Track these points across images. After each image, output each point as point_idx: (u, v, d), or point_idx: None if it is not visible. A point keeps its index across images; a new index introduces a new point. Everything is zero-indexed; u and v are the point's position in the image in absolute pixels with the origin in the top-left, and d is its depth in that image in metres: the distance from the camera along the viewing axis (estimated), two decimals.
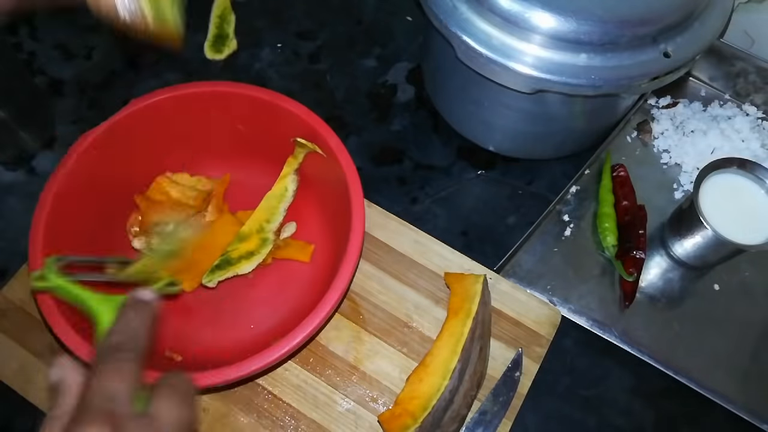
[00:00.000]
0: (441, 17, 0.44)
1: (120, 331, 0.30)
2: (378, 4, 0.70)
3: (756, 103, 0.63)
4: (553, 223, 0.56)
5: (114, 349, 0.28)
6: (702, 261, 0.54)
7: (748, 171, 0.52)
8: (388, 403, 0.46)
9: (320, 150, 0.47)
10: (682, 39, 0.44)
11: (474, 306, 0.45)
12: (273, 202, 0.51)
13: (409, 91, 0.64)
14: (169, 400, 0.28)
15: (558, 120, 0.52)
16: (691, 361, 0.50)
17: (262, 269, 0.49)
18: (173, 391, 0.29)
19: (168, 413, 0.27)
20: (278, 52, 0.65)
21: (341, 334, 0.48)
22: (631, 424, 0.49)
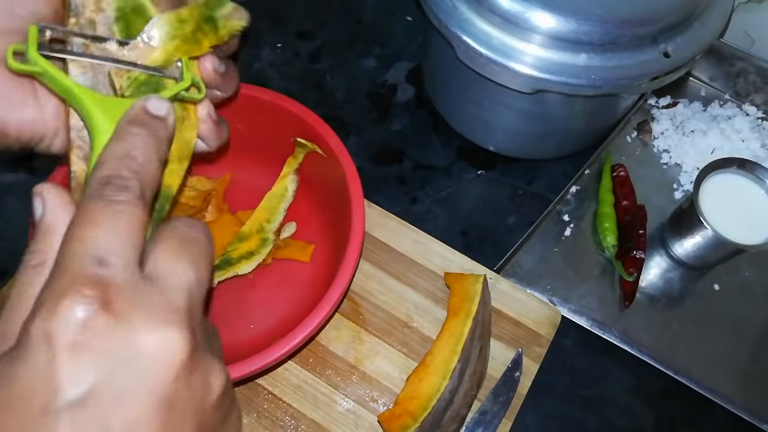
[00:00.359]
0: (441, 17, 0.44)
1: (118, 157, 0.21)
2: (378, 4, 0.70)
3: (756, 103, 0.63)
4: (553, 223, 0.56)
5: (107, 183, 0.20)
6: (702, 261, 0.54)
7: (748, 171, 0.52)
8: (388, 403, 0.46)
9: (320, 150, 0.47)
10: (682, 39, 0.44)
11: (474, 306, 0.45)
12: (273, 202, 0.51)
13: (409, 91, 0.64)
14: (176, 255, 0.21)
15: (558, 120, 0.52)
16: (691, 361, 0.50)
17: (262, 269, 0.49)
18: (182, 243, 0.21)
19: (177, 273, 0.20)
20: (278, 52, 0.65)
21: (341, 334, 0.48)
22: (631, 424, 0.49)
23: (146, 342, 0.18)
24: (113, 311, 0.18)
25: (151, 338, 0.18)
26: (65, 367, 0.17)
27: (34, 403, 0.17)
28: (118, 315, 0.18)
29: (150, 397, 0.18)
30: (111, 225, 0.19)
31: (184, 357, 0.19)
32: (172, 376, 0.18)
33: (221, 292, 0.48)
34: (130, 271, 0.19)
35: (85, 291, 0.18)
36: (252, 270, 0.48)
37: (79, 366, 0.17)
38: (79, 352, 0.17)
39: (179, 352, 0.19)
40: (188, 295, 0.20)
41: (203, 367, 0.20)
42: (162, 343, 0.18)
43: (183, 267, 0.20)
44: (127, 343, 0.18)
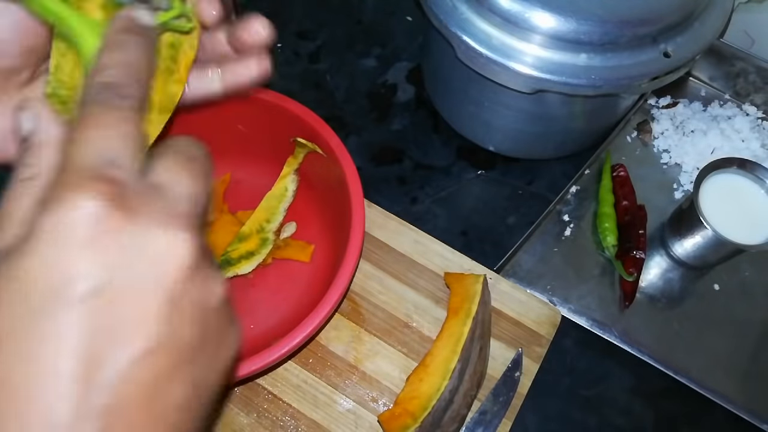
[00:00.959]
0: (441, 17, 0.44)
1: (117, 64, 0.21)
2: (378, 4, 0.70)
3: (756, 103, 0.63)
4: (553, 223, 0.56)
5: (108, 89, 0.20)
6: (702, 261, 0.54)
7: (748, 171, 0.52)
8: (388, 403, 0.46)
9: (320, 150, 0.47)
10: (682, 39, 0.44)
11: (474, 306, 0.45)
12: (273, 202, 0.51)
13: (409, 91, 0.64)
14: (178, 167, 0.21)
15: (558, 120, 0.52)
16: (691, 361, 0.50)
17: (262, 269, 0.49)
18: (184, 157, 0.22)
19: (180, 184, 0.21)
20: (278, 52, 0.65)
21: (341, 334, 0.48)
22: (631, 424, 0.49)
23: (156, 241, 0.18)
24: (128, 209, 0.18)
25: (161, 238, 0.19)
26: (80, 260, 0.17)
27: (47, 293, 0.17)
28: (130, 212, 0.18)
29: (158, 293, 0.18)
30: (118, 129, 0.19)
31: (190, 259, 0.19)
32: (178, 275, 0.19)
33: None
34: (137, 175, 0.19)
35: (102, 187, 0.18)
36: (252, 270, 0.48)
37: (93, 260, 0.17)
38: (95, 246, 0.17)
39: (186, 253, 0.19)
40: (192, 203, 0.21)
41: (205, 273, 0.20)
42: (171, 243, 0.19)
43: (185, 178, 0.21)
44: (138, 241, 0.18)
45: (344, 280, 0.40)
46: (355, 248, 0.42)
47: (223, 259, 0.48)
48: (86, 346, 0.17)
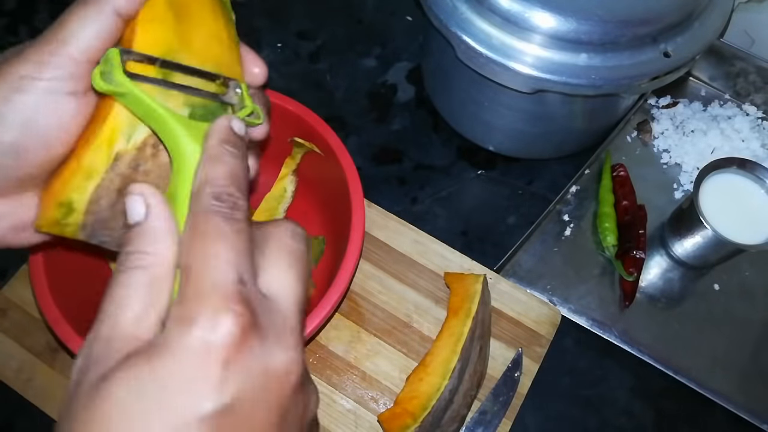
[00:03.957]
0: (441, 17, 0.44)
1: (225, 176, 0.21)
2: (378, 4, 0.70)
3: (756, 103, 0.63)
4: (553, 223, 0.56)
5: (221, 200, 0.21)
6: (702, 261, 0.54)
7: (748, 171, 0.52)
8: (388, 403, 0.46)
9: (317, 149, 0.47)
10: (682, 39, 0.44)
11: (474, 306, 0.45)
12: (272, 204, 0.51)
13: (409, 91, 0.64)
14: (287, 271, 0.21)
15: (558, 120, 0.52)
16: (691, 361, 0.50)
17: None
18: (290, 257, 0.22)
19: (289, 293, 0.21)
20: (278, 52, 0.65)
21: (341, 334, 0.48)
22: (631, 424, 0.49)
23: (276, 359, 0.20)
24: (257, 327, 0.19)
25: (280, 356, 0.20)
26: (218, 379, 0.18)
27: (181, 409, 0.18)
28: (260, 331, 0.19)
29: (273, 410, 0.20)
30: (237, 242, 0.20)
31: (300, 375, 0.21)
32: (291, 391, 0.20)
33: None
34: (256, 288, 0.20)
35: (238, 308, 0.19)
36: None
37: (228, 379, 0.18)
38: (231, 366, 0.18)
39: (298, 370, 0.20)
40: (299, 314, 0.21)
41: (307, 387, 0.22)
42: (288, 361, 0.20)
43: (294, 285, 0.22)
44: (264, 360, 0.19)
45: (344, 280, 0.40)
46: (355, 248, 0.42)
47: None
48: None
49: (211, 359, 0.18)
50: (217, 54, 0.30)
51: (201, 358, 0.18)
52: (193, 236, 0.20)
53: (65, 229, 0.28)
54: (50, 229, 0.28)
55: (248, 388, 0.19)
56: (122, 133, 0.27)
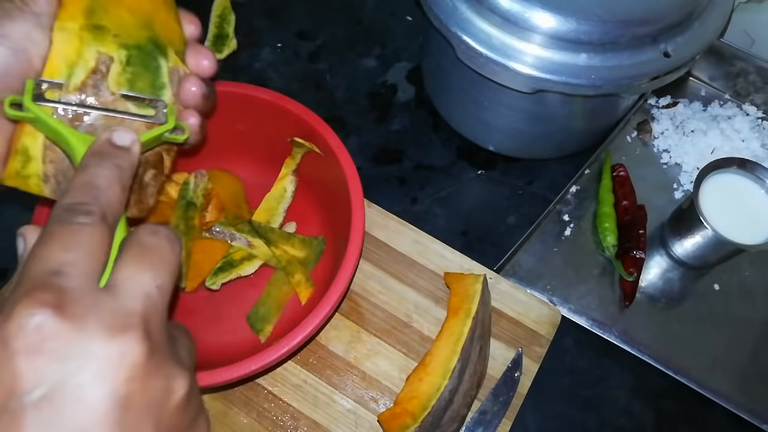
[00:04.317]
0: (441, 17, 0.44)
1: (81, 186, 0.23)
2: (378, 4, 0.70)
3: (756, 103, 0.63)
4: (553, 223, 0.56)
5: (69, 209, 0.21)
6: (702, 261, 0.54)
7: (748, 171, 0.52)
8: (388, 403, 0.46)
9: (317, 149, 0.47)
10: (682, 39, 0.44)
11: (474, 306, 0.45)
12: (272, 204, 0.51)
13: (409, 91, 0.64)
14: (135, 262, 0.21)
15: (558, 120, 0.52)
16: (691, 361, 0.50)
17: (262, 269, 0.49)
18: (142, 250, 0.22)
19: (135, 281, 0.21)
20: (278, 52, 0.65)
21: (341, 334, 0.48)
22: (631, 424, 0.49)
23: (101, 344, 0.19)
24: (67, 315, 0.18)
25: (105, 341, 0.19)
26: (22, 370, 0.18)
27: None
28: (72, 319, 0.19)
29: (105, 398, 0.18)
30: (67, 242, 0.20)
31: (138, 360, 0.19)
32: (126, 377, 0.19)
33: (223, 292, 0.48)
34: (86, 281, 0.20)
35: (39, 296, 0.18)
36: (254, 271, 0.48)
37: (35, 368, 0.18)
38: (35, 355, 0.18)
39: (133, 355, 0.19)
40: (145, 301, 0.21)
41: (163, 371, 0.20)
42: (117, 344, 0.19)
43: (141, 274, 0.21)
44: (80, 346, 0.18)
45: (344, 280, 0.40)
46: (355, 248, 0.42)
47: (226, 261, 0.48)
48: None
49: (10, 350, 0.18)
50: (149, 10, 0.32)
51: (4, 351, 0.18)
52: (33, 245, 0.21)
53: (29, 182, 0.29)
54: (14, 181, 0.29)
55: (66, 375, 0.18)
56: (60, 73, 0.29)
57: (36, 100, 0.28)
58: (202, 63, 0.35)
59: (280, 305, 0.48)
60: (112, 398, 0.19)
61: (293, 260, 0.48)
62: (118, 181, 0.23)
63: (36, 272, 0.19)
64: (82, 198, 0.22)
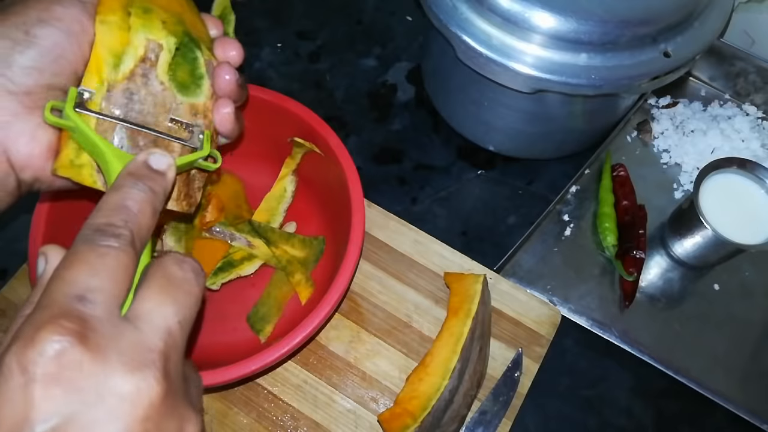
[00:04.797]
0: (441, 17, 0.44)
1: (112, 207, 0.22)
2: (378, 4, 0.70)
3: (756, 103, 0.63)
4: (553, 223, 0.56)
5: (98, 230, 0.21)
6: (702, 261, 0.54)
7: (748, 171, 0.52)
8: (388, 403, 0.46)
9: (317, 148, 0.47)
10: (682, 39, 0.44)
11: (474, 306, 0.45)
12: (272, 204, 0.51)
13: (409, 91, 0.64)
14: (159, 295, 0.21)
15: (558, 120, 0.52)
16: (691, 361, 0.50)
17: (263, 269, 0.49)
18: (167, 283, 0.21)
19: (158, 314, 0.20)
20: (278, 52, 0.65)
21: (341, 334, 0.48)
22: (631, 424, 0.49)
23: (119, 379, 0.18)
24: (89, 346, 0.18)
25: (124, 377, 0.18)
26: (38, 399, 0.17)
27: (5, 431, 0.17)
28: (94, 350, 0.18)
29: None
30: (94, 266, 0.20)
31: (155, 399, 0.19)
32: (141, 416, 0.18)
33: (223, 292, 0.48)
34: (110, 309, 0.19)
35: (63, 323, 0.18)
36: (254, 271, 0.48)
37: (51, 398, 0.17)
38: (53, 385, 0.17)
39: (150, 394, 0.19)
40: (166, 337, 0.20)
41: (177, 413, 0.20)
42: (134, 381, 0.18)
43: (164, 308, 0.21)
44: (99, 379, 0.18)
45: (344, 280, 0.40)
46: (355, 248, 0.42)
47: (226, 261, 0.48)
48: None
49: (28, 377, 0.17)
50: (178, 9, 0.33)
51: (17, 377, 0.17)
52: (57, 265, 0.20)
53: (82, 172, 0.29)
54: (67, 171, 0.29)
55: (81, 408, 0.17)
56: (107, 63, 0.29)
57: (77, 107, 0.28)
58: (230, 54, 0.35)
59: (280, 305, 0.48)
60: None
61: (293, 260, 0.48)
62: (150, 205, 0.23)
63: (61, 296, 0.19)
64: (112, 219, 0.21)
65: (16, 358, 0.17)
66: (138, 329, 0.20)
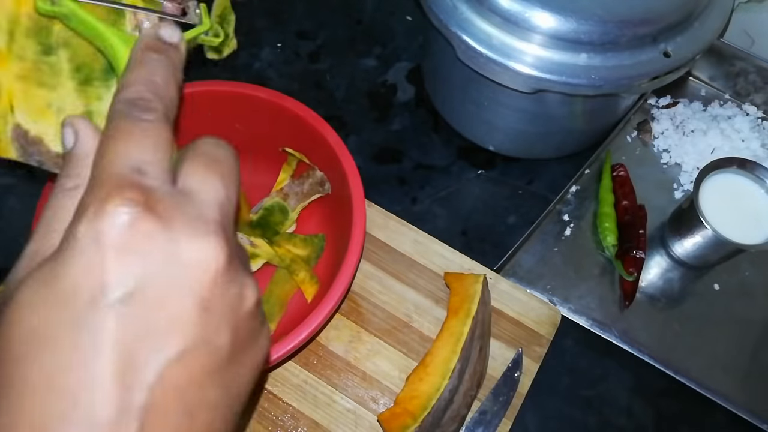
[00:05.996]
0: (441, 17, 0.44)
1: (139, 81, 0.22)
2: (378, 4, 0.70)
3: (756, 102, 0.63)
4: (553, 223, 0.56)
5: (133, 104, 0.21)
6: (702, 261, 0.54)
7: (748, 171, 0.52)
8: (388, 403, 0.46)
9: (306, 159, 0.48)
10: (682, 39, 0.44)
11: (474, 306, 0.45)
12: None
13: (409, 91, 0.64)
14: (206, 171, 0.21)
15: (558, 120, 0.52)
16: (691, 361, 0.50)
17: (263, 269, 0.49)
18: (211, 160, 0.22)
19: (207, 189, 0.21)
20: (278, 52, 0.65)
21: (341, 334, 0.48)
22: (631, 424, 0.49)
23: (187, 247, 0.19)
24: (157, 215, 0.18)
25: (192, 244, 0.19)
26: (113, 266, 0.18)
27: (83, 298, 0.18)
28: (161, 219, 0.19)
29: (190, 298, 0.19)
30: (142, 140, 0.20)
31: (220, 265, 0.19)
32: (210, 280, 0.19)
33: None
34: (166, 182, 0.20)
35: (129, 194, 0.18)
36: (256, 270, 0.48)
37: (126, 265, 0.18)
38: (126, 252, 0.18)
39: (217, 259, 0.19)
40: (220, 209, 0.21)
41: (238, 278, 0.21)
42: (202, 248, 0.19)
43: (213, 182, 0.21)
44: (169, 247, 0.19)
45: (345, 280, 0.40)
46: (355, 248, 0.42)
47: None
48: (123, 349, 0.18)
49: (103, 246, 0.18)
50: None
51: (92, 247, 0.18)
52: (101, 140, 0.20)
53: None
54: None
55: (152, 274, 0.18)
56: None
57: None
58: None
59: (283, 303, 0.48)
60: (195, 300, 0.19)
61: (297, 259, 0.48)
62: (173, 77, 0.23)
63: (118, 168, 0.19)
64: (144, 94, 0.21)
65: (89, 229, 0.18)
66: (194, 201, 0.20)
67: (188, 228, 0.19)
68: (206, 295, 0.19)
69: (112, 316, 0.18)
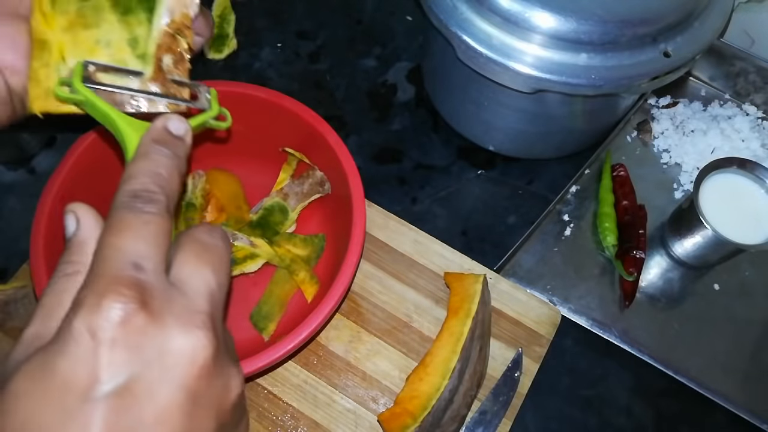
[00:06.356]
0: (441, 17, 0.44)
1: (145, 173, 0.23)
2: (378, 4, 0.70)
3: (756, 102, 0.63)
4: (553, 223, 0.56)
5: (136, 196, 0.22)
6: (702, 261, 0.54)
7: (748, 171, 0.52)
8: (388, 403, 0.46)
9: (306, 159, 0.47)
10: (682, 39, 0.44)
11: (474, 306, 0.45)
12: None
13: (409, 91, 0.64)
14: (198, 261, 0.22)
15: (558, 120, 0.52)
16: (691, 361, 0.50)
17: (264, 268, 0.49)
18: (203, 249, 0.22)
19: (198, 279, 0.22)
20: (278, 51, 0.65)
21: (341, 334, 0.48)
22: (632, 424, 0.49)
23: (177, 341, 0.20)
24: (149, 311, 0.19)
25: (181, 338, 0.20)
26: (106, 360, 0.18)
27: (75, 392, 0.18)
28: (153, 314, 0.19)
29: (177, 392, 0.19)
30: (142, 233, 0.21)
31: (208, 358, 0.20)
32: (197, 374, 0.20)
33: None
34: (160, 275, 0.21)
35: (125, 291, 0.19)
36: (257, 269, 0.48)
37: (119, 359, 0.19)
38: (120, 347, 0.19)
39: (204, 352, 0.20)
40: (210, 299, 0.22)
41: (224, 371, 0.21)
42: (190, 341, 0.20)
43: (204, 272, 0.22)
44: (159, 341, 0.19)
45: (345, 280, 0.40)
46: (355, 248, 0.42)
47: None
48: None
49: (97, 341, 0.18)
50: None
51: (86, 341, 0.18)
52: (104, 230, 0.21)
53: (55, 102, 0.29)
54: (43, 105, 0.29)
55: (144, 368, 0.19)
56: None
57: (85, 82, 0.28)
58: None
59: (283, 303, 0.48)
60: (183, 393, 0.19)
61: (297, 259, 0.48)
62: (177, 170, 0.24)
63: (117, 263, 0.20)
64: (149, 186, 0.22)
65: (85, 324, 0.19)
66: (185, 293, 0.21)
67: (178, 321, 0.20)
68: (193, 387, 0.20)
69: (102, 409, 0.18)
